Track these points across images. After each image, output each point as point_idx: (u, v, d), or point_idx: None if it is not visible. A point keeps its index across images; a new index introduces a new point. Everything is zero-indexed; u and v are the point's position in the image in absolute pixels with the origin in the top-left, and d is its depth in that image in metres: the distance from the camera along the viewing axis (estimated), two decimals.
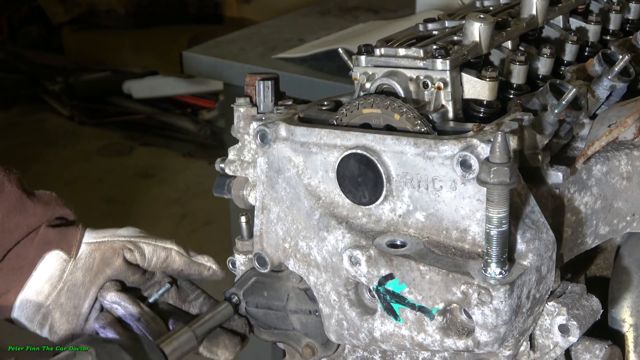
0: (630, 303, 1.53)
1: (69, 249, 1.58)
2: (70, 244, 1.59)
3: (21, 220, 1.58)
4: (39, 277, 1.58)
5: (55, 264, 1.58)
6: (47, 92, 7.78)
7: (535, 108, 1.41)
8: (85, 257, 1.59)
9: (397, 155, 1.33)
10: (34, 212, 1.59)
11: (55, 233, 1.59)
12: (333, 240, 1.40)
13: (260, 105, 1.56)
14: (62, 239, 1.59)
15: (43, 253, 1.58)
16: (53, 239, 1.59)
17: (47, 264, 1.58)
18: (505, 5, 1.67)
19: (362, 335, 1.41)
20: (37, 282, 1.58)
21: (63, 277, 1.58)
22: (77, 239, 1.60)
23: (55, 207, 1.63)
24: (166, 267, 1.64)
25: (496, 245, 1.22)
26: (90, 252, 1.59)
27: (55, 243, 1.59)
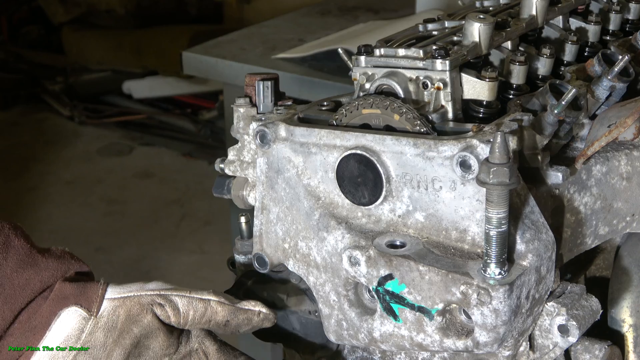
0: (629, 303, 1.53)
1: (89, 305, 1.35)
2: (91, 300, 1.36)
3: (32, 275, 1.37)
4: (54, 337, 1.34)
5: (72, 322, 1.34)
6: (47, 92, 7.79)
7: (534, 108, 1.41)
8: (108, 314, 1.35)
9: (396, 155, 1.33)
10: (46, 267, 1.38)
11: (73, 287, 1.37)
12: (332, 241, 1.40)
13: (259, 105, 1.56)
14: (81, 293, 1.36)
15: (59, 310, 1.35)
16: (70, 294, 1.36)
17: (64, 323, 1.34)
18: (505, 5, 1.67)
19: (361, 336, 1.41)
20: (51, 344, 1.34)
21: (81, 338, 1.34)
22: (99, 294, 1.37)
23: (70, 261, 1.42)
24: (207, 321, 1.40)
25: (495, 246, 1.22)
26: (114, 308, 1.35)
27: (74, 298, 1.36)
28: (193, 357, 1.42)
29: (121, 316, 1.36)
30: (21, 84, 7.89)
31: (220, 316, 1.41)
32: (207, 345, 1.43)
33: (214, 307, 1.40)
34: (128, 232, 5.51)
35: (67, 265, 1.40)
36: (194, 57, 3.64)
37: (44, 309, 1.35)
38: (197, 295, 1.40)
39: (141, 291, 1.38)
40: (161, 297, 1.38)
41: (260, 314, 1.44)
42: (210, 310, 1.40)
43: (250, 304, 1.44)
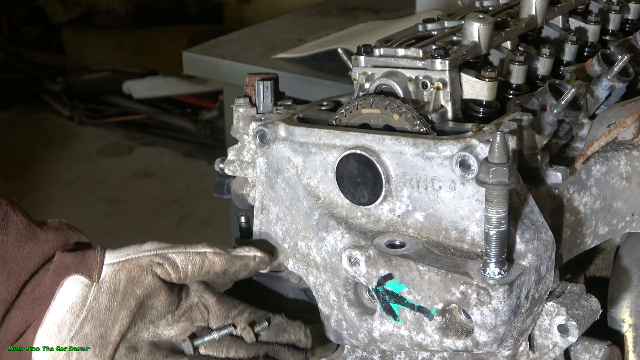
0: (629, 303, 1.53)
1: (89, 272, 1.39)
2: (91, 267, 1.40)
3: (34, 248, 1.40)
4: (59, 306, 1.37)
5: (75, 290, 1.38)
6: (47, 92, 7.78)
7: (534, 108, 1.41)
8: (110, 279, 1.39)
9: (396, 155, 1.33)
10: (46, 239, 1.42)
11: (72, 257, 1.40)
12: (332, 241, 1.40)
13: (259, 105, 1.56)
14: (80, 262, 1.40)
15: (61, 279, 1.38)
16: (71, 264, 1.40)
17: (67, 291, 1.38)
18: (504, 5, 1.67)
19: (361, 336, 1.41)
20: (57, 313, 1.37)
21: (86, 304, 1.38)
22: (98, 260, 1.40)
23: (68, 232, 1.46)
24: (207, 273, 1.43)
25: (495, 246, 1.22)
26: (114, 273, 1.39)
27: (74, 267, 1.39)
28: (194, 311, 1.45)
29: (122, 279, 1.39)
30: (21, 84, 7.89)
31: (218, 266, 1.44)
32: (207, 298, 1.46)
33: (211, 258, 1.43)
34: (128, 232, 5.50)
35: (65, 236, 1.44)
36: (194, 57, 3.64)
37: (47, 279, 1.39)
38: (193, 249, 1.43)
39: (138, 253, 1.42)
40: (159, 256, 1.41)
41: (256, 258, 1.46)
42: (208, 262, 1.43)
43: (244, 250, 1.46)
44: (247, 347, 1.43)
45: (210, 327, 1.45)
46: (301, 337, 1.45)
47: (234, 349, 1.43)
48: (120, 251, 1.43)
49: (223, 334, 1.42)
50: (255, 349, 1.43)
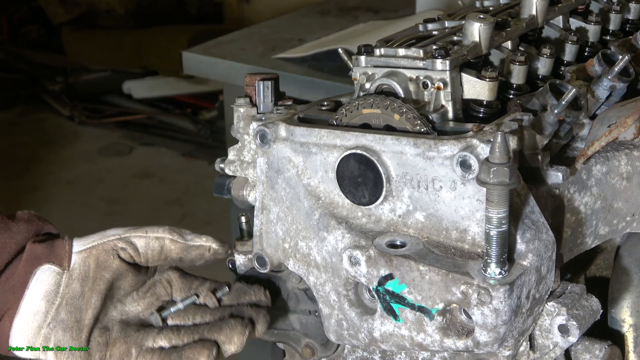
0: (630, 303, 1.53)
1: (60, 261, 1.47)
2: (61, 256, 1.47)
3: (7, 240, 1.47)
4: (33, 295, 1.45)
5: (48, 278, 1.46)
6: (47, 92, 7.78)
7: (535, 108, 1.41)
8: (79, 266, 1.47)
9: (396, 155, 1.33)
10: (18, 230, 1.49)
11: (43, 247, 1.48)
12: (333, 241, 1.40)
13: (260, 105, 1.56)
14: (51, 252, 1.48)
15: (33, 269, 1.46)
16: (42, 254, 1.47)
17: (40, 280, 1.46)
18: (505, 5, 1.67)
19: (361, 336, 1.41)
20: (32, 301, 1.45)
21: (59, 292, 1.45)
22: (67, 249, 1.48)
23: (38, 223, 1.53)
24: (165, 258, 1.53)
25: (496, 246, 1.22)
26: (83, 260, 1.48)
27: (45, 257, 1.47)
28: (158, 287, 1.53)
29: (91, 265, 1.48)
30: (21, 84, 7.89)
31: (174, 253, 1.53)
32: (169, 274, 1.55)
33: (168, 246, 1.53)
34: None
35: (36, 227, 1.52)
36: (194, 57, 3.64)
37: (20, 269, 1.46)
38: (153, 234, 1.54)
39: (103, 239, 1.51)
40: (122, 240, 1.51)
41: (210, 249, 1.55)
42: (165, 249, 1.53)
43: (202, 240, 1.55)
44: (212, 312, 1.50)
45: (175, 300, 1.52)
46: (261, 297, 1.52)
47: (199, 315, 1.50)
48: (86, 239, 1.52)
49: (187, 303, 1.50)
50: (219, 312, 1.50)
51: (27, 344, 1.44)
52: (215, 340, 1.45)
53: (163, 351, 1.45)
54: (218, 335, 1.46)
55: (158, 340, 1.46)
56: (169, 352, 1.44)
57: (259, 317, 1.49)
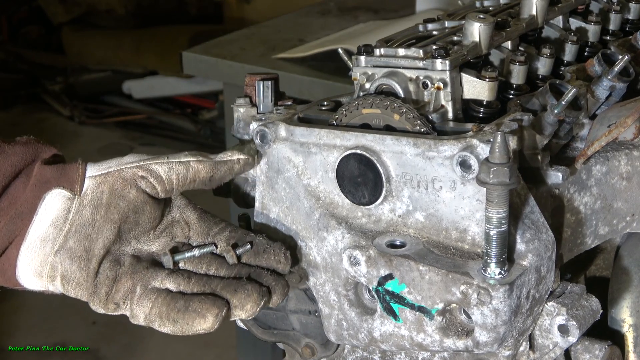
0: (629, 303, 1.53)
1: (71, 186, 1.37)
2: (73, 180, 1.37)
3: (2, 161, 1.38)
4: (42, 221, 1.36)
5: (58, 204, 1.36)
6: (47, 92, 7.78)
7: (535, 108, 1.41)
8: (92, 192, 1.37)
9: (396, 155, 1.33)
10: (13, 152, 1.40)
11: (53, 170, 1.38)
12: (333, 241, 1.40)
13: (260, 105, 1.56)
14: (62, 175, 1.37)
15: (42, 194, 1.36)
16: (52, 177, 1.37)
17: (49, 206, 1.36)
18: (505, 5, 1.67)
19: (361, 336, 1.41)
20: (40, 228, 1.36)
21: (69, 218, 1.36)
22: (79, 173, 1.38)
23: (37, 145, 1.43)
24: (192, 181, 1.42)
25: (496, 246, 1.22)
26: (97, 185, 1.37)
27: (55, 181, 1.37)
28: (175, 227, 1.44)
29: (105, 192, 1.37)
30: (21, 84, 7.88)
31: (203, 173, 1.43)
32: (188, 214, 1.46)
33: (195, 167, 1.42)
34: None
35: (34, 150, 1.42)
36: (194, 57, 3.64)
37: (28, 194, 1.37)
38: (176, 159, 1.41)
39: (121, 165, 1.40)
40: (141, 168, 1.39)
41: (240, 160, 1.45)
42: (192, 170, 1.42)
43: (227, 155, 1.45)
44: (229, 267, 1.42)
45: (191, 244, 1.44)
46: (281, 258, 1.42)
47: (214, 266, 1.42)
48: (102, 164, 1.41)
49: (204, 252, 1.42)
50: (236, 269, 1.41)
51: (34, 273, 1.36)
52: (227, 301, 1.36)
53: (169, 295, 1.37)
54: (232, 296, 1.36)
55: (166, 282, 1.37)
56: (175, 297, 1.36)
57: (277, 287, 1.39)
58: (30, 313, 4.81)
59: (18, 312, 4.89)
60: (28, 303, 4.86)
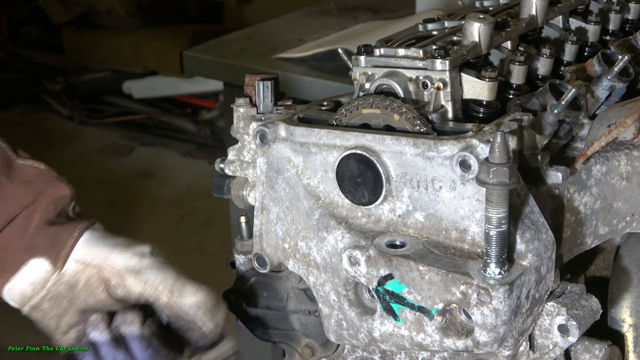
0: (629, 303, 1.53)
1: (55, 260, 1.47)
2: (58, 255, 1.47)
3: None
4: (22, 279, 1.48)
5: (39, 271, 1.48)
6: (47, 92, 7.78)
7: (534, 108, 1.41)
8: (70, 276, 1.48)
9: (396, 155, 1.33)
10: (12, 197, 1.47)
11: (45, 237, 1.48)
12: (332, 241, 1.40)
13: (259, 105, 1.56)
14: (51, 246, 1.48)
15: (28, 258, 1.48)
16: (41, 244, 1.48)
17: (31, 271, 1.48)
18: (504, 5, 1.67)
19: (361, 336, 1.41)
20: (20, 283, 1.49)
21: (46, 287, 1.49)
22: (66, 251, 1.48)
23: (40, 185, 1.50)
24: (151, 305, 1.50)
25: (495, 246, 1.22)
26: (75, 273, 1.48)
27: (43, 249, 1.48)
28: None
29: (81, 283, 1.48)
30: (21, 84, 7.88)
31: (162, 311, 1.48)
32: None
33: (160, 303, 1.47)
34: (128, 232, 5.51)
35: (34, 193, 1.49)
36: (194, 57, 3.64)
37: (16, 254, 1.48)
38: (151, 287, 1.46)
39: (105, 263, 1.48)
40: (118, 277, 1.47)
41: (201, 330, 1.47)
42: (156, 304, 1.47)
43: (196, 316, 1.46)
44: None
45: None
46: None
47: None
48: (92, 250, 1.49)
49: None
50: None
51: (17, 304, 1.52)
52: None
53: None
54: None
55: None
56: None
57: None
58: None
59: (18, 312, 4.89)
60: None
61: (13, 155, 1.52)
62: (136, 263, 1.48)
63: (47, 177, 1.52)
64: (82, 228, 1.51)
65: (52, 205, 1.51)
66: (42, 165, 1.53)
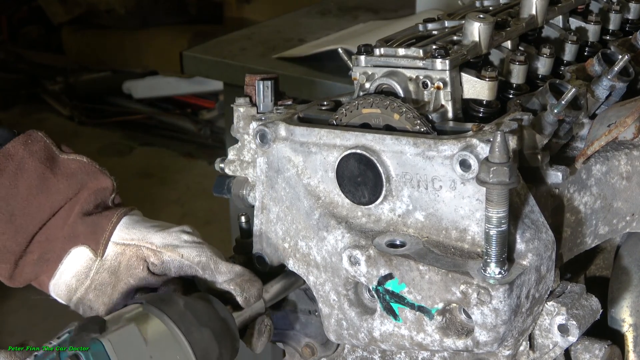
0: (629, 303, 1.53)
1: (96, 247, 1.50)
2: (98, 242, 1.50)
3: (43, 201, 1.50)
4: (66, 271, 1.51)
5: (81, 261, 1.51)
6: (47, 92, 7.78)
7: (534, 108, 1.41)
8: (111, 259, 1.50)
9: (396, 155, 1.33)
10: (56, 190, 1.50)
11: (85, 226, 1.50)
12: (332, 240, 1.40)
13: (260, 105, 1.56)
14: (91, 233, 1.50)
15: (70, 247, 1.50)
16: (82, 233, 1.50)
17: (73, 260, 1.51)
18: (504, 5, 1.67)
19: (361, 335, 1.41)
20: (64, 276, 1.51)
21: (90, 275, 1.51)
22: (106, 237, 1.50)
23: (83, 178, 1.53)
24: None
25: (495, 245, 1.22)
26: (116, 256, 1.50)
27: (84, 237, 1.50)
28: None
29: (122, 265, 1.50)
30: (21, 84, 7.88)
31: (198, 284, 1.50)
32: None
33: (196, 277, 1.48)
34: None
35: (77, 185, 1.52)
36: (194, 57, 3.64)
37: (57, 245, 1.51)
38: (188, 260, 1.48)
39: (142, 241, 1.50)
40: (156, 255, 1.49)
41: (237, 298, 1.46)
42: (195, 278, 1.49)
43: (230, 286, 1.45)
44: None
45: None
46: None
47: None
48: (130, 230, 1.51)
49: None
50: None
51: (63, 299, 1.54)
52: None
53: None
54: None
55: None
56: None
57: None
58: (30, 313, 4.82)
59: (18, 312, 4.89)
60: (28, 303, 4.86)
61: (57, 151, 1.55)
62: (173, 239, 1.51)
63: (89, 170, 1.55)
64: (121, 214, 1.53)
65: (92, 197, 1.53)
66: (84, 159, 1.56)
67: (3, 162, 1.49)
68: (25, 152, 1.50)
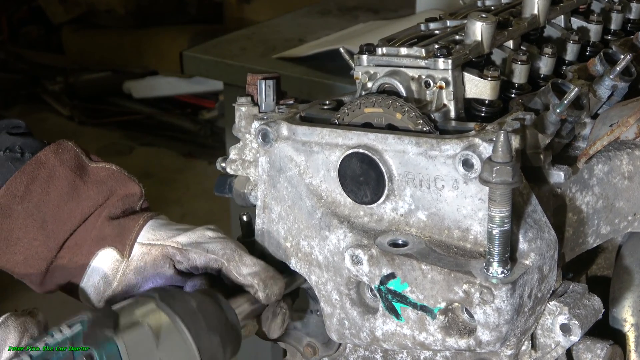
0: (631, 302, 1.53)
1: (122, 249, 1.52)
2: (124, 243, 1.52)
3: (74, 208, 1.52)
4: (94, 273, 1.53)
5: (108, 262, 1.52)
6: (47, 92, 7.78)
7: (537, 107, 1.41)
8: (137, 260, 1.52)
9: (399, 154, 1.33)
10: (87, 196, 1.53)
11: (112, 228, 1.53)
12: (335, 240, 1.40)
13: (261, 104, 1.56)
14: (117, 235, 1.52)
15: (97, 250, 1.52)
16: (109, 235, 1.52)
17: (101, 262, 1.53)
18: (506, 4, 1.67)
19: (363, 335, 1.41)
20: (92, 279, 1.53)
21: (117, 277, 1.52)
22: (132, 238, 1.52)
23: (113, 184, 1.55)
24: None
25: (498, 245, 1.22)
26: (142, 255, 1.52)
27: (110, 239, 1.52)
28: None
29: (148, 265, 1.51)
30: (21, 84, 7.88)
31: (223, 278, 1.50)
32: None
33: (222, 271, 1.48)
34: None
35: (107, 191, 1.55)
36: (194, 57, 3.64)
37: (85, 248, 1.52)
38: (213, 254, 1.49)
39: (167, 240, 1.51)
40: (181, 253, 1.50)
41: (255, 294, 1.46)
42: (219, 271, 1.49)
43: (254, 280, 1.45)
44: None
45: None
46: None
47: None
48: (156, 231, 1.53)
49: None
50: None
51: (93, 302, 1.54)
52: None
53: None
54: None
55: None
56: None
57: None
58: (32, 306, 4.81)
59: None
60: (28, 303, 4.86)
61: (86, 159, 1.57)
62: (198, 237, 1.53)
63: (118, 177, 1.57)
64: (147, 217, 1.55)
65: (120, 202, 1.55)
66: (113, 166, 1.58)
67: (35, 170, 1.52)
68: (56, 160, 1.54)
